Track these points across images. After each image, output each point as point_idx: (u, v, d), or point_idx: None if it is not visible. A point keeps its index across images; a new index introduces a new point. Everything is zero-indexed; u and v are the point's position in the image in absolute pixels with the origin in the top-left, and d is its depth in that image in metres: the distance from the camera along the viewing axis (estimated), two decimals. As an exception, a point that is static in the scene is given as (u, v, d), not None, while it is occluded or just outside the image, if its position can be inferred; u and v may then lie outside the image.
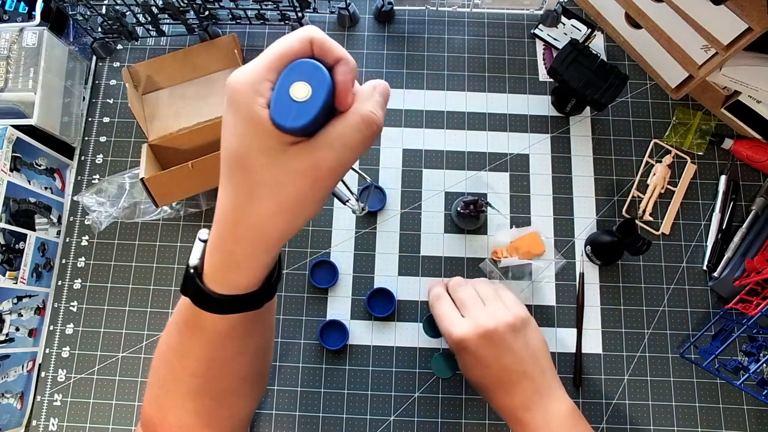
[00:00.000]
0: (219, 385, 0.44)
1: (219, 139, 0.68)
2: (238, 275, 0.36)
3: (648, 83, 0.76)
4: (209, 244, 0.37)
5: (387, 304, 0.68)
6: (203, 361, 0.41)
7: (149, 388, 0.47)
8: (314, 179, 0.31)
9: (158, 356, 0.46)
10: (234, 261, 0.35)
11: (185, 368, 0.42)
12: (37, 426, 0.66)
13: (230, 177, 0.33)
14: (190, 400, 0.44)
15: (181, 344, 0.42)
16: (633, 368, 0.66)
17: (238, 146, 0.31)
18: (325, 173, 0.31)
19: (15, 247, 0.65)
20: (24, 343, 0.66)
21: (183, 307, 0.40)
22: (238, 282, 0.37)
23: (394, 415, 0.65)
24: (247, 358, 0.45)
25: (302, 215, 0.33)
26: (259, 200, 0.32)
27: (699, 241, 0.70)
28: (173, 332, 0.43)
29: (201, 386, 0.43)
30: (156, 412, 0.46)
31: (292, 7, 0.72)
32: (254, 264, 0.36)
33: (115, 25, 0.73)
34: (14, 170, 0.65)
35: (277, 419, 0.65)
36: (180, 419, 0.45)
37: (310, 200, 0.32)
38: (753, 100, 0.68)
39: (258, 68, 0.31)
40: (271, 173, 0.31)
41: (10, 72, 0.68)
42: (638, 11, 0.69)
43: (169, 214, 0.72)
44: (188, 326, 0.40)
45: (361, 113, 0.31)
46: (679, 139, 0.73)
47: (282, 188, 0.31)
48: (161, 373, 0.45)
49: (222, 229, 0.35)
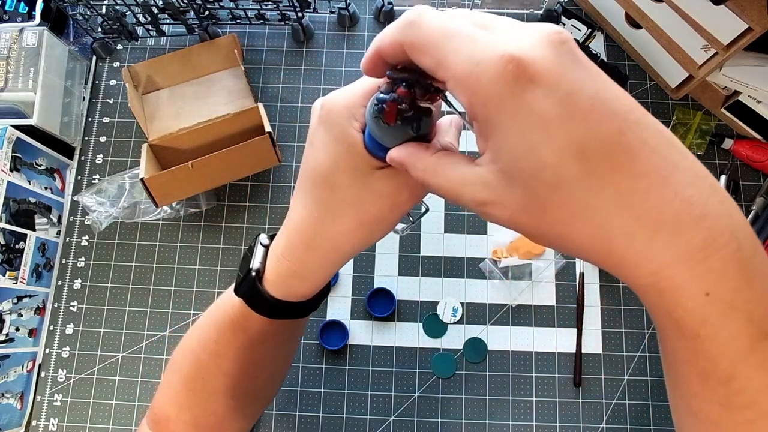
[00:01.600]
0: (246, 386, 0.45)
1: (219, 138, 0.69)
2: (303, 284, 0.38)
3: (648, 83, 0.76)
4: (276, 251, 0.38)
5: (387, 304, 0.68)
6: (238, 362, 0.43)
7: (167, 385, 0.48)
8: (394, 203, 0.33)
9: (184, 354, 0.46)
10: (302, 271, 0.37)
11: (218, 367, 0.43)
12: (37, 426, 0.66)
13: (312, 191, 0.34)
14: (214, 399, 0.45)
15: (217, 343, 0.43)
16: (633, 368, 0.66)
17: (326, 163, 0.33)
18: (405, 198, 0.33)
19: (15, 247, 0.65)
20: (24, 343, 0.66)
21: (228, 306, 0.41)
22: (300, 291, 0.38)
23: (394, 415, 0.65)
24: (277, 362, 0.46)
25: (376, 234, 0.35)
26: (339, 216, 0.34)
27: (699, 241, 0.70)
28: (210, 331, 0.44)
29: (228, 386, 0.44)
30: (172, 409, 0.46)
31: (292, 7, 0.72)
32: (321, 276, 0.38)
33: (115, 25, 0.73)
34: (14, 170, 0.65)
35: (277, 419, 0.65)
36: (197, 418, 0.46)
37: (386, 220, 0.34)
38: (753, 100, 0.68)
39: (356, 93, 0.32)
40: (355, 192, 0.33)
41: (10, 72, 0.68)
42: (638, 11, 0.69)
43: (169, 214, 0.72)
44: (232, 326, 0.41)
45: (442, 144, 0.32)
46: (679, 138, 0.73)
47: (363, 207, 0.33)
48: (185, 371, 0.46)
49: (296, 239, 0.36)
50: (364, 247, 0.37)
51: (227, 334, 0.42)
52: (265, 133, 0.65)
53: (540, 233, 0.25)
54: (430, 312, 0.68)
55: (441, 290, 0.69)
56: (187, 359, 0.46)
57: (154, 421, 0.48)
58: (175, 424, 0.46)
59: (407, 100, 0.28)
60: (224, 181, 0.68)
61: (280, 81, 0.77)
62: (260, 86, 0.77)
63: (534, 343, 0.67)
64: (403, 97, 0.28)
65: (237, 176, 0.68)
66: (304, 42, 0.79)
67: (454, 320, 0.68)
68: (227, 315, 0.42)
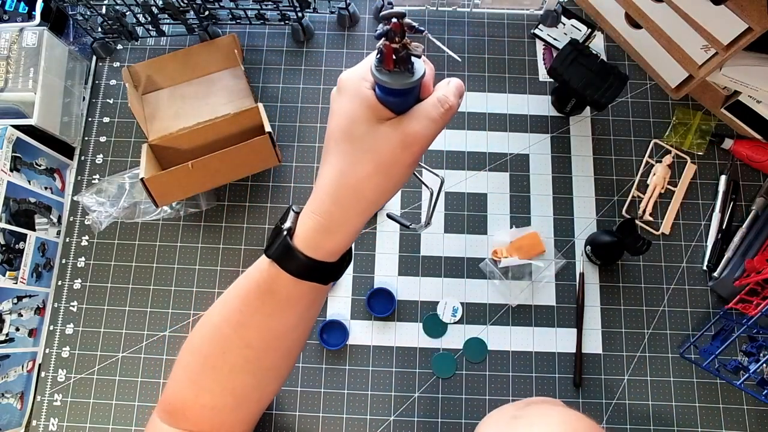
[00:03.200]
0: (265, 361, 0.47)
1: (219, 138, 0.69)
2: (331, 238, 0.41)
3: (648, 83, 0.76)
4: (306, 211, 0.42)
5: (387, 304, 0.68)
6: (262, 331, 0.45)
7: (182, 370, 0.49)
8: (404, 144, 0.39)
9: (203, 333, 0.48)
10: (329, 223, 0.41)
11: (241, 338, 0.45)
12: (37, 426, 0.66)
13: (335, 147, 0.40)
14: (233, 377, 0.46)
15: (242, 313, 0.45)
16: (633, 368, 0.66)
17: (345, 120, 0.40)
18: (412, 139, 0.39)
19: (15, 247, 0.65)
20: (24, 343, 0.66)
21: (257, 273, 0.45)
22: (328, 245, 0.42)
23: (394, 415, 0.65)
24: (296, 335, 0.48)
25: (394, 178, 0.40)
26: (359, 163, 0.39)
27: (699, 241, 0.70)
28: (234, 303, 0.46)
29: (249, 359, 0.46)
30: (190, 392, 0.47)
31: (292, 7, 0.72)
32: (347, 228, 0.41)
33: (115, 25, 0.73)
34: (14, 170, 0.65)
35: (277, 419, 0.65)
36: (214, 399, 0.47)
37: (401, 163, 0.39)
38: (753, 100, 0.68)
39: (364, 64, 0.40)
40: (370, 139, 0.39)
41: (10, 72, 0.68)
42: (638, 11, 0.69)
43: (169, 214, 0.72)
44: (259, 291, 0.44)
45: (437, 95, 0.40)
46: (679, 139, 0.73)
47: (378, 152, 0.39)
48: (205, 349, 0.47)
49: (323, 194, 0.41)
50: (386, 194, 0.40)
51: (254, 301, 0.45)
52: (265, 133, 0.65)
53: None
54: (430, 312, 0.68)
55: (441, 290, 0.69)
56: (207, 337, 0.47)
57: (168, 411, 0.48)
58: (192, 409, 0.47)
59: (398, 33, 0.35)
60: (224, 181, 0.68)
61: (280, 81, 0.77)
62: (260, 86, 0.77)
63: (534, 343, 0.67)
64: (394, 31, 0.35)
65: (237, 176, 0.68)
66: (304, 42, 0.79)
67: (454, 320, 0.68)
68: (254, 281, 0.45)
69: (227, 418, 0.48)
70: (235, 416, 0.49)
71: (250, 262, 0.70)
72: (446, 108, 0.39)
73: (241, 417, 0.49)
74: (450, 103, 0.40)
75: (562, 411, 0.44)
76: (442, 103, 0.39)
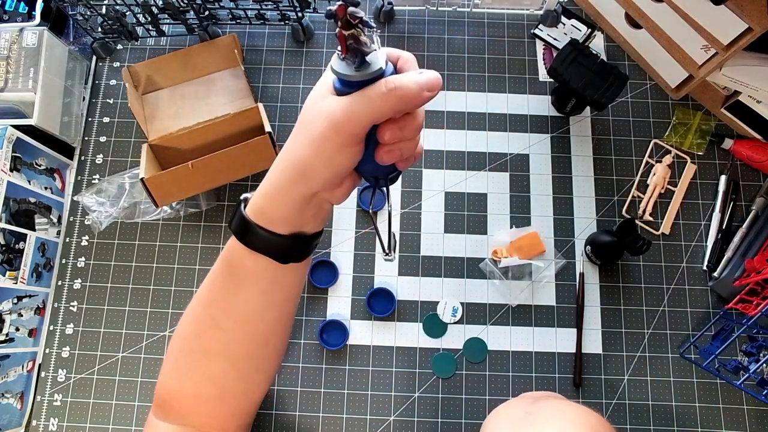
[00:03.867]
0: (239, 347, 0.47)
1: (219, 139, 0.69)
2: (271, 203, 0.42)
3: (648, 83, 0.76)
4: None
5: (387, 304, 0.68)
6: (228, 310, 0.46)
7: (167, 360, 0.49)
8: (332, 120, 0.38)
9: (182, 320, 0.49)
10: (269, 188, 0.42)
11: (212, 318, 0.46)
12: (37, 426, 0.66)
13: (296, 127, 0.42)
14: (208, 362, 0.47)
15: (210, 291, 0.47)
16: (633, 368, 0.66)
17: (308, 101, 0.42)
18: (340, 116, 0.38)
19: (15, 247, 0.65)
20: (24, 343, 0.66)
21: (225, 252, 0.46)
22: (270, 212, 0.42)
23: (394, 415, 0.65)
24: (266, 320, 0.47)
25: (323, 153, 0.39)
26: (297, 135, 0.41)
27: (699, 241, 0.70)
28: (205, 283, 0.48)
29: (222, 343, 0.46)
30: (174, 382, 0.48)
31: (292, 7, 0.72)
32: (284, 194, 0.42)
33: (115, 25, 0.73)
34: (14, 170, 0.65)
35: (277, 419, 0.65)
36: (196, 387, 0.47)
37: (328, 138, 0.38)
38: (753, 100, 0.68)
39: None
40: (311, 112, 0.40)
41: (10, 72, 0.68)
42: (638, 11, 0.69)
43: (169, 214, 0.72)
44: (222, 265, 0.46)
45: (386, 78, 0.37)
46: (679, 139, 0.73)
47: (312, 125, 0.39)
48: (184, 332, 0.48)
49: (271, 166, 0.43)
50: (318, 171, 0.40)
51: (218, 277, 0.46)
52: (265, 133, 0.65)
53: None
54: (430, 312, 0.68)
55: (441, 290, 0.69)
56: (185, 320, 0.48)
57: (158, 404, 0.49)
58: (178, 400, 0.47)
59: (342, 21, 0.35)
60: (224, 181, 0.68)
61: (280, 81, 0.77)
62: (260, 86, 0.77)
63: (534, 343, 0.67)
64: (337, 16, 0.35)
65: (237, 176, 0.68)
66: (304, 42, 0.79)
67: (454, 320, 0.68)
68: (220, 258, 0.46)
69: (214, 410, 0.48)
70: (222, 408, 0.48)
71: (250, 262, 0.70)
72: (389, 89, 0.36)
73: (230, 411, 0.49)
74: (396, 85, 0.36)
75: (575, 406, 0.44)
76: (387, 83, 0.37)
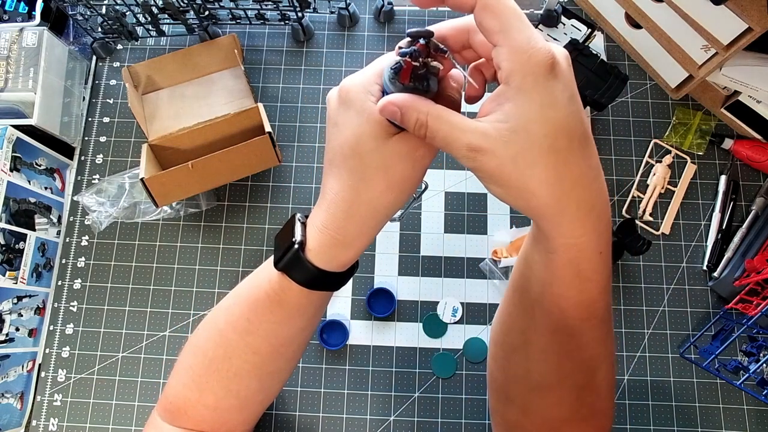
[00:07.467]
0: (271, 365, 0.47)
1: (219, 138, 0.69)
2: (346, 252, 0.41)
3: (648, 83, 0.76)
4: (316, 224, 0.41)
5: (387, 304, 0.68)
6: (269, 338, 0.45)
7: (185, 371, 0.48)
8: (414, 159, 0.38)
9: (209, 337, 0.48)
10: (344, 238, 0.40)
11: (248, 345, 0.45)
12: (37, 426, 0.66)
13: (344, 163, 0.39)
14: (238, 381, 0.46)
15: (249, 321, 0.45)
16: (633, 368, 0.66)
17: (351, 136, 0.38)
18: (422, 154, 0.38)
19: (15, 247, 0.65)
20: (24, 343, 0.66)
21: (264, 282, 0.44)
22: (342, 258, 0.41)
23: (394, 415, 0.65)
24: (301, 339, 0.47)
25: (406, 191, 0.39)
26: (371, 180, 0.38)
27: (699, 241, 0.70)
28: (240, 310, 0.46)
29: (255, 365, 0.46)
30: (193, 393, 0.47)
31: (292, 7, 0.72)
32: (361, 241, 0.41)
33: (115, 25, 0.73)
34: (14, 170, 0.66)
35: (277, 419, 0.65)
36: (219, 401, 0.47)
37: (411, 177, 0.38)
38: (753, 100, 0.68)
39: (370, 73, 0.38)
40: (380, 157, 0.37)
41: (10, 72, 0.68)
42: (638, 11, 0.69)
43: (169, 214, 0.72)
44: (268, 301, 0.44)
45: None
46: (679, 139, 0.73)
47: (389, 169, 0.38)
48: (211, 353, 0.47)
49: (335, 209, 0.40)
50: (398, 206, 0.40)
51: (262, 310, 0.44)
52: (265, 133, 0.65)
53: (512, 184, 0.33)
54: (430, 312, 0.68)
55: (441, 290, 0.69)
56: (213, 341, 0.47)
57: (169, 410, 0.48)
58: (195, 408, 0.47)
59: (423, 54, 0.34)
60: (224, 181, 0.68)
61: (280, 81, 0.77)
62: (260, 86, 0.77)
63: (534, 343, 0.67)
64: (419, 51, 0.33)
65: (237, 176, 0.68)
66: (304, 42, 0.79)
67: (454, 320, 0.68)
68: (262, 290, 0.44)
69: (230, 419, 0.48)
70: (238, 417, 0.49)
71: (250, 262, 0.70)
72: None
73: (244, 418, 0.49)
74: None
75: None
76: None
